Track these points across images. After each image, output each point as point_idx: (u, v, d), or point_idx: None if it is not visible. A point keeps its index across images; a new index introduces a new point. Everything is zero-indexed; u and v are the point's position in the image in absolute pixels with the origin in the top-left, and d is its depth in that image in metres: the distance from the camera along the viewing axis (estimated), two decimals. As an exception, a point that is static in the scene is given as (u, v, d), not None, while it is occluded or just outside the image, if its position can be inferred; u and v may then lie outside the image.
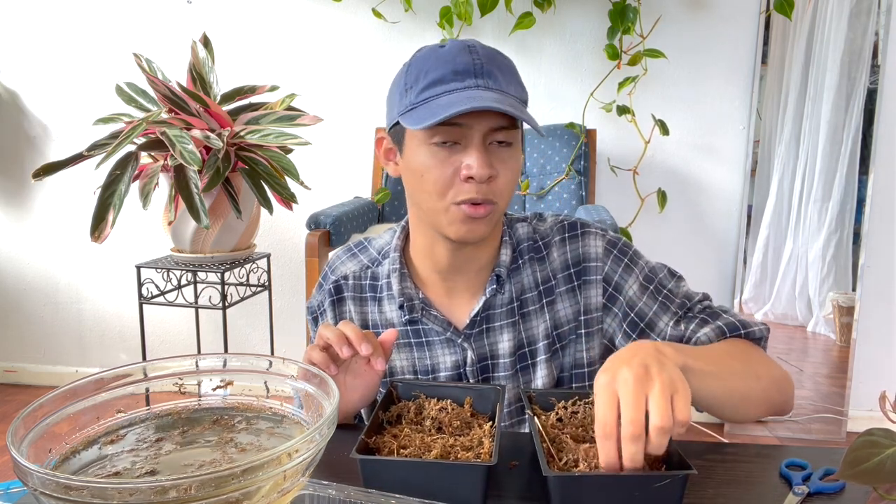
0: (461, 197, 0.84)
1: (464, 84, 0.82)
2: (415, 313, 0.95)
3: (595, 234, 0.96)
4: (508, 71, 0.86)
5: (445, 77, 0.83)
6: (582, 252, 0.96)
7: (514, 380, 0.96)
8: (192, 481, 0.43)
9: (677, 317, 0.93)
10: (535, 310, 0.96)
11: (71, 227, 2.71)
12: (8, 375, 2.88)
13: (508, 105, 0.80)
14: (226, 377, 0.65)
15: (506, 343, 0.95)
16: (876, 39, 2.27)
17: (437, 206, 0.86)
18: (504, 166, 0.85)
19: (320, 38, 2.47)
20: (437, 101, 0.82)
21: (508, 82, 0.85)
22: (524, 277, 0.96)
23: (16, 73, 2.65)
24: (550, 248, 0.97)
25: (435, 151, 0.84)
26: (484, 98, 0.80)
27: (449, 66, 0.83)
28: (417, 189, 0.88)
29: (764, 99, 2.35)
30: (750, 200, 2.40)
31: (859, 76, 2.29)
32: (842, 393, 2.40)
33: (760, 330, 0.91)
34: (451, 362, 0.96)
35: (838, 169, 2.35)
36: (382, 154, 0.95)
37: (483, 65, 0.83)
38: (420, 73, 0.85)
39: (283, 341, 2.53)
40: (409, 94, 0.85)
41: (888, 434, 0.53)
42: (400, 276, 0.96)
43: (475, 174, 0.82)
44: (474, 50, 0.85)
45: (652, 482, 0.63)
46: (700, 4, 2.30)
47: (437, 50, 0.86)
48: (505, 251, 0.95)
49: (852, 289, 2.39)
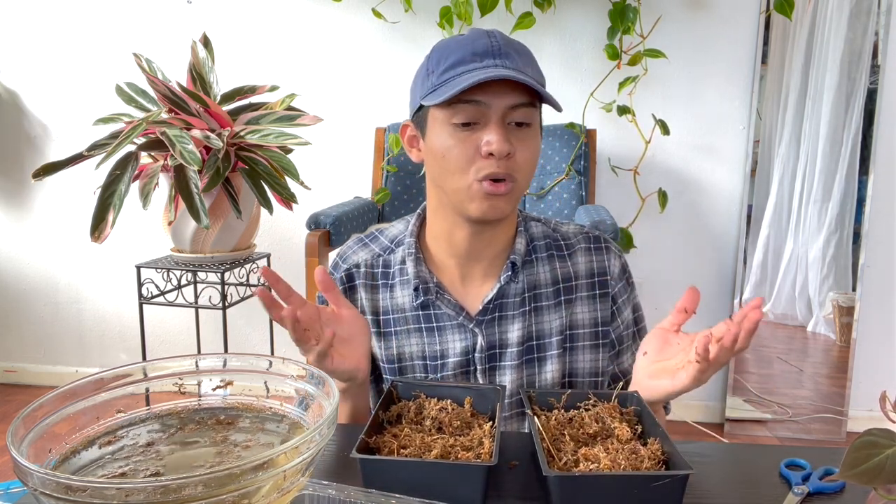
0: (483, 172, 0.87)
1: (483, 63, 0.86)
2: (429, 296, 0.97)
3: (615, 254, 1.02)
4: (526, 56, 0.90)
5: (465, 58, 0.86)
6: (607, 266, 1.01)
7: (520, 371, 0.98)
8: (192, 481, 0.43)
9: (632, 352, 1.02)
10: (550, 306, 0.98)
11: (71, 227, 2.71)
12: (8, 375, 2.88)
13: (529, 78, 0.84)
14: (226, 377, 0.65)
15: (515, 332, 0.97)
16: (876, 39, 2.27)
17: (459, 185, 0.89)
18: (522, 145, 0.88)
19: (320, 38, 2.47)
20: (458, 79, 0.85)
21: (526, 64, 0.88)
22: (539, 272, 0.99)
23: (16, 73, 2.65)
24: (575, 251, 1.01)
25: (456, 131, 0.87)
26: (501, 73, 0.83)
27: (468, 48, 0.87)
28: (441, 170, 0.91)
29: (764, 99, 2.35)
30: (750, 200, 2.40)
31: (859, 76, 2.29)
32: (842, 393, 2.40)
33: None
34: (460, 348, 0.98)
35: (838, 169, 2.35)
36: (406, 141, 0.99)
37: (501, 47, 0.87)
38: (441, 58, 0.88)
39: (283, 341, 2.52)
40: (430, 77, 0.89)
41: (888, 434, 0.53)
42: (416, 260, 0.98)
43: (494, 150, 0.85)
44: (493, 35, 0.89)
45: (651, 482, 0.63)
46: (700, 4, 2.30)
47: (457, 37, 0.91)
48: (520, 240, 0.98)
49: (852, 289, 2.39)
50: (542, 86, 0.90)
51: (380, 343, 1.01)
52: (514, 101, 0.86)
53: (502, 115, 0.86)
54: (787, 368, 2.52)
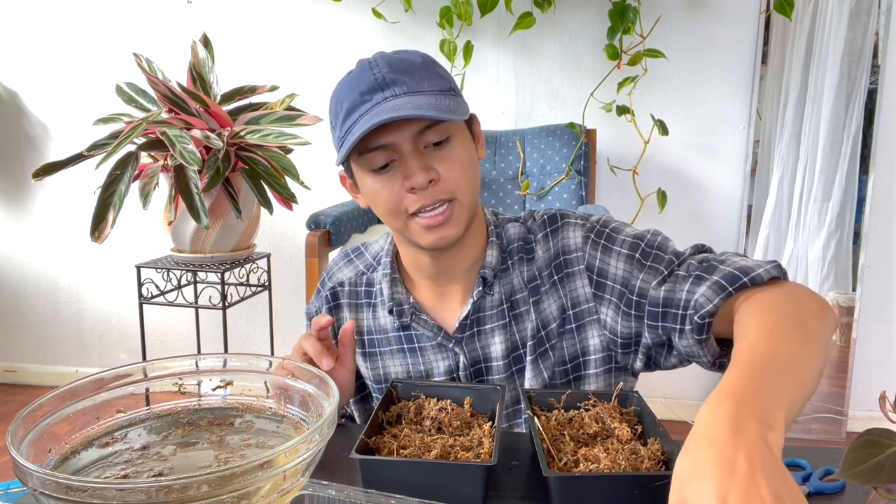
0: (413, 208, 0.84)
1: (372, 101, 0.81)
2: (405, 318, 0.95)
3: (574, 225, 0.94)
4: (416, 68, 0.83)
5: (355, 102, 0.82)
6: (562, 245, 0.93)
7: (510, 382, 0.95)
8: (192, 481, 0.43)
9: (662, 278, 0.85)
10: (526, 310, 0.94)
11: (71, 227, 2.71)
12: (8, 375, 2.88)
13: (412, 108, 0.78)
14: (226, 377, 0.65)
15: (498, 346, 0.94)
16: (876, 39, 2.27)
17: (399, 225, 0.87)
18: (446, 163, 0.84)
19: (320, 38, 2.47)
20: (353, 129, 0.81)
21: (420, 80, 0.82)
22: (514, 278, 0.94)
23: (16, 73, 2.65)
24: (537, 245, 0.95)
25: (377, 176, 0.85)
26: (384, 110, 0.79)
27: (356, 89, 0.82)
28: (378, 214, 0.89)
29: (764, 99, 2.35)
30: (750, 200, 2.40)
31: (859, 76, 2.29)
32: (842, 393, 2.40)
33: (767, 271, 0.78)
34: (444, 367, 0.96)
35: (838, 169, 2.35)
36: (349, 189, 0.95)
37: (384, 76, 0.81)
38: (338, 107, 0.85)
39: (283, 341, 2.53)
40: (336, 130, 0.86)
41: (888, 434, 0.53)
42: (391, 281, 0.96)
43: (415, 184, 0.82)
44: (374, 65, 0.83)
45: (651, 482, 0.63)
46: (700, 4, 2.29)
47: (347, 77, 0.86)
48: (491, 252, 0.94)
49: (852, 289, 2.39)
50: (451, 91, 0.85)
51: (366, 363, 1.00)
52: (417, 128, 0.82)
53: (413, 145, 0.82)
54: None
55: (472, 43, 2.27)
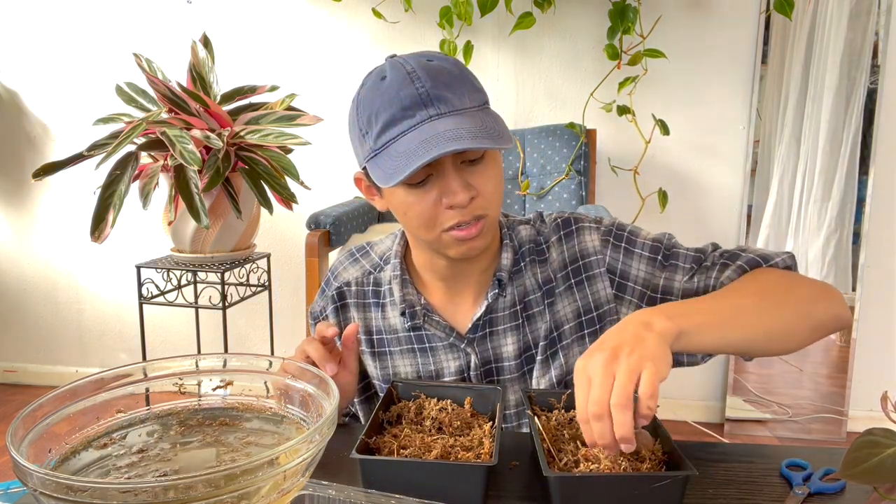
0: (448, 223, 0.83)
1: (416, 119, 0.79)
2: (417, 320, 0.95)
3: (590, 229, 0.95)
4: (457, 82, 0.82)
5: (395, 116, 0.79)
6: (579, 249, 0.94)
7: (521, 382, 0.95)
8: (192, 481, 0.43)
9: (692, 272, 0.90)
10: (539, 312, 0.95)
11: (71, 227, 2.71)
12: (8, 375, 2.88)
13: (469, 136, 0.77)
14: (226, 377, 0.65)
15: (510, 346, 0.95)
16: (876, 39, 2.27)
17: (429, 238, 0.86)
18: (482, 181, 0.83)
19: (320, 38, 2.47)
20: (395, 146, 0.80)
21: (462, 95, 0.81)
22: (526, 280, 0.95)
23: (16, 73, 2.65)
24: (550, 248, 0.96)
25: (412, 189, 0.83)
26: (439, 138, 0.77)
27: (396, 103, 0.79)
28: (406, 224, 0.88)
29: (764, 99, 2.35)
30: (750, 200, 2.40)
31: (859, 76, 2.29)
32: (842, 393, 2.40)
33: (784, 259, 0.89)
34: (455, 367, 0.96)
35: (838, 169, 2.35)
36: (364, 191, 0.93)
37: (429, 91, 0.79)
38: (371, 116, 0.81)
39: (283, 341, 2.53)
40: (367, 139, 0.83)
41: (888, 434, 0.53)
42: (401, 282, 0.96)
43: (455, 202, 0.81)
44: (416, 77, 0.80)
45: (652, 482, 0.63)
46: (700, 4, 2.29)
47: (379, 85, 0.82)
48: (506, 254, 0.95)
49: (852, 289, 2.39)
50: (486, 104, 0.84)
51: (374, 363, 1.00)
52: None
53: (453, 163, 0.81)
54: (787, 368, 2.52)
55: (472, 43, 2.27)
